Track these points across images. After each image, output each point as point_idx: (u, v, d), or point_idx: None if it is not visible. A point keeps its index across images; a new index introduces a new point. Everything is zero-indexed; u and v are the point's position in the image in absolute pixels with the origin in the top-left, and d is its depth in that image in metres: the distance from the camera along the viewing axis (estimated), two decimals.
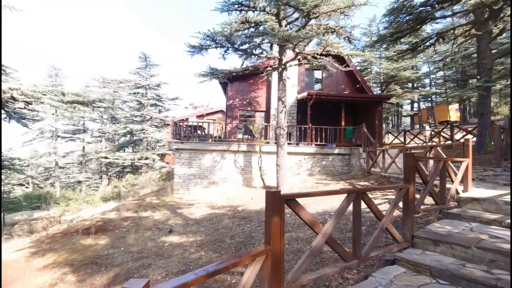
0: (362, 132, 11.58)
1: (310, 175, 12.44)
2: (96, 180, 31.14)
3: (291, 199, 2.23)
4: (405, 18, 9.98)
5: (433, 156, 6.62)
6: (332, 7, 7.65)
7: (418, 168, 3.81)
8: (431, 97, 27.43)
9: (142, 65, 27.09)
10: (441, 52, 21.09)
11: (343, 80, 15.79)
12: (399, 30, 10.14)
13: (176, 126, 12.68)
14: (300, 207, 2.29)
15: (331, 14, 8.63)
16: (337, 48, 8.18)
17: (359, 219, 2.79)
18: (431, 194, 4.14)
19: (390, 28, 10.55)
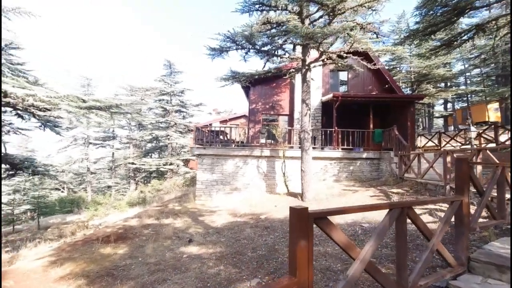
0: (393, 135, 10.77)
1: (336, 181, 11.78)
2: (124, 185, 32.10)
3: (322, 217, 1.80)
4: (440, 10, 9.15)
5: (482, 161, 5.84)
6: (359, 1, 7.12)
7: (472, 177, 3.21)
8: (466, 96, 25.50)
9: (166, 72, 27.69)
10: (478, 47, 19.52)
11: (370, 81, 14.98)
12: (434, 23, 9.31)
13: (198, 131, 12.56)
14: (332, 226, 1.85)
15: (357, 10, 8.08)
16: (365, 44, 7.59)
17: (404, 239, 2.28)
18: (488, 206, 3.50)
19: (423, 21, 9.74)
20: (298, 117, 14.01)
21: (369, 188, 9.69)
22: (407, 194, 7.73)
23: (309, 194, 9.67)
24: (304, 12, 8.82)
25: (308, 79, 9.73)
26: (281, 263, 4.46)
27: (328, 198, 9.27)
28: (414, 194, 7.67)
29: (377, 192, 8.76)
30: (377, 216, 6.35)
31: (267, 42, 9.16)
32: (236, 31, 7.81)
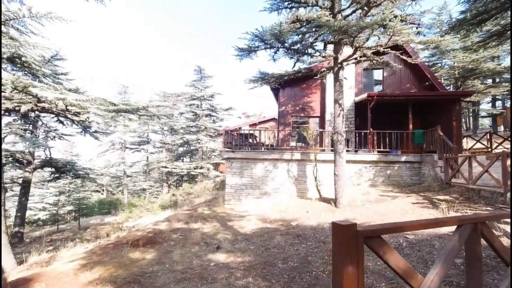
0: (437, 136, 9.82)
1: (372, 186, 11.01)
2: (157, 188, 33.18)
3: (374, 236, 1.42)
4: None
5: None
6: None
7: None
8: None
9: (197, 78, 28.28)
10: None
11: (408, 79, 13.96)
12: (485, 10, 8.34)
13: (227, 135, 12.47)
14: (387, 247, 1.46)
15: (395, 0, 7.45)
16: (407, 36, 6.91)
17: (478, 265, 1.80)
18: None
19: (472, 9, 8.78)
20: (330, 118, 13.42)
21: (410, 194, 8.87)
22: (457, 202, 6.90)
23: (343, 200, 9.07)
24: (336, 7, 8.34)
25: (341, 77, 9.19)
26: (315, 278, 4.05)
27: (364, 205, 8.62)
28: (466, 202, 6.82)
29: (420, 199, 7.96)
30: None
31: (297, 41, 8.79)
32: (265, 29, 7.53)
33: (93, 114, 5.53)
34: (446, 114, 11.63)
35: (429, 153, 10.43)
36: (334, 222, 1.39)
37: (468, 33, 9.23)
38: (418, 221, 1.70)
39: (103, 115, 5.86)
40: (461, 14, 9.47)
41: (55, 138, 18.01)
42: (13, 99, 5.03)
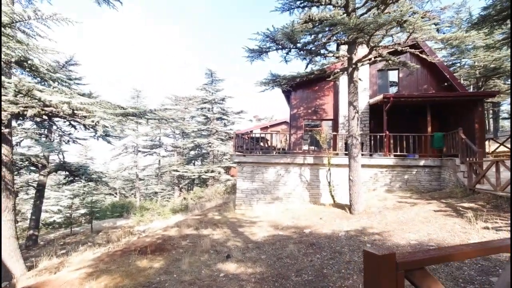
0: (459, 139, 9.29)
1: (389, 191, 10.54)
2: (169, 192, 33.30)
3: (417, 268, 1.13)
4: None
5: None
6: None
7: None
8: None
9: (208, 81, 28.32)
10: None
11: (425, 80, 13.42)
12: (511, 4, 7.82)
13: (238, 138, 12.26)
14: (431, 281, 1.17)
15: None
16: (428, 32, 6.51)
17: None
18: None
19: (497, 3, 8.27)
20: (343, 121, 13.03)
21: (430, 201, 8.39)
22: (484, 211, 6.42)
23: (358, 207, 8.68)
24: (350, 5, 8.03)
25: (355, 79, 8.83)
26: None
27: (381, 212, 8.20)
28: (494, 211, 6.32)
29: (443, 206, 7.48)
30: (448, 238, 5.27)
31: (310, 41, 8.51)
32: (276, 29, 7.29)
33: (98, 117, 5.42)
34: (467, 116, 11.05)
35: (450, 157, 9.89)
36: (367, 250, 1.12)
37: (492, 29, 8.72)
38: (470, 246, 1.38)
39: (110, 118, 5.75)
40: (484, 10, 8.96)
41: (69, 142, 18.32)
42: (19, 103, 4.99)
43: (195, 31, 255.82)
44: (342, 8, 8.46)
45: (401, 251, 5.09)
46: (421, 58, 11.78)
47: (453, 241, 5.12)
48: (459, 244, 4.94)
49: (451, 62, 19.98)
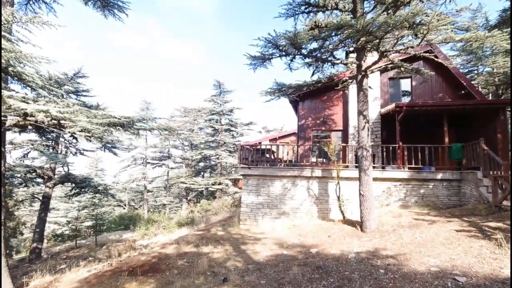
0: (480, 150, 8.55)
1: (403, 207, 9.79)
2: (177, 204, 32.98)
3: None
4: None
5: None
6: None
7: None
8: None
9: (216, 92, 28.27)
10: None
11: (440, 87, 12.75)
12: None
13: (243, 150, 11.81)
14: None
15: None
16: (445, 33, 5.96)
17: None
18: None
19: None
20: (353, 132, 12.43)
21: (450, 219, 7.62)
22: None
23: (370, 224, 7.99)
24: (358, 9, 7.61)
25: (365, 86, 8.31)
26: None
27: (395, 230, 7.48)
28: None
29: (465, 226, 6.73)
30: (476, 265, 4.57)
31: (316, 48, 8.09)
32: (279, 33, 6.92)
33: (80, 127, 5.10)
34: (488, 125, 10.29)
35: (471, 170, 9.12)
36: None
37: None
38: None
39: (94, 128, 5.41)
40: (503, 13, 8.38)
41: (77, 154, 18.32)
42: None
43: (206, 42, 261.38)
44: (350, 13, 8.06)
45: (420, 280, 4.44)
46: (435, 64, 11.20)
47: (481, 270, 4.43)
48: (490, 273, 4.25)
49: (467, 69, 19.15)
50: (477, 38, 5.74)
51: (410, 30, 6.59)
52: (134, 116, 7.33)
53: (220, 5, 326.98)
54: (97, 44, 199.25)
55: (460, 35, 6.33)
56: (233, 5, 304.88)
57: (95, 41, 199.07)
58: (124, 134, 7.36)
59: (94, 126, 5.30)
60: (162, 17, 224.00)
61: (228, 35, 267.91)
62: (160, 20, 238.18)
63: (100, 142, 8.88)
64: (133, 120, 6.72)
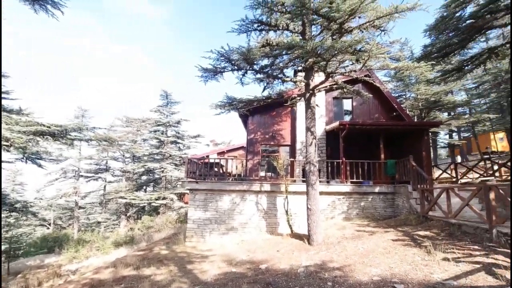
0: (410, 166, 9.56)
1: (346, 219, 10.35)
2: (114, 221, 30.05)
3: None
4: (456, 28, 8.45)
5: None
6: (372, 15, 6.30)
7: None
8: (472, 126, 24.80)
9: (163, 103, 27.09)
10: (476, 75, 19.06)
11: (376, 109, 14.11)
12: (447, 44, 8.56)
13: (190, 163, 11.33)
14: None
15: (367, 28, 7.30)
16: (383, 60, 6.64)
17: None
18: None
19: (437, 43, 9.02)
20: (301, 147, 12.92)
21: (387, 229, 8.25)
22: (439, 239, 6.34)
23: (317, 237, 8.21)
24: (307, 32, 8.06)
25: (313, 104, 8.73)
26: None
27: (340, 242, 7.80)
28: (449, 239, 6.27)
29: (400, 235, 7.33)
30: (411, 272, 4.94)
31: (267, 64, 8.29)
32: (232, 48, 6.91)
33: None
34: (415, 144, 11.62)
35: (403, 183, 10.11)
36: None
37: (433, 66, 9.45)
38: None
39: (14, 137, 4.60)
40: (425, 48, 9.73)
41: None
42: None
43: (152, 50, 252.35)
44: (299, 35, 8.49)
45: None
46: (373, 88, 12.40)
47: (416, 276, 4.79)
48: (423, 279, 4.62)
49: (398, 94, 21.80)
50: (408, 67, 6.54)
51: (353, 56, 7.18)
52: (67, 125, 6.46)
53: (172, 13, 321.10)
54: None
55: (394, 63, 7.12)
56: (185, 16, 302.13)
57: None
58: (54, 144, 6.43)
59: (15, 135, 4.47)
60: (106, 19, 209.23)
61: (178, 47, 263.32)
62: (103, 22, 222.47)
63: (23, 153, 7.62)
64: (67, 129, 5.91)
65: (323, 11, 6.34)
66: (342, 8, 5.75)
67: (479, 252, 5.17)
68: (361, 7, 5.74)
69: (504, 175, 12.20)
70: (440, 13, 8.89)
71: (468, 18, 8.87)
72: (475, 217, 6.34)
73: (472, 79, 23.28)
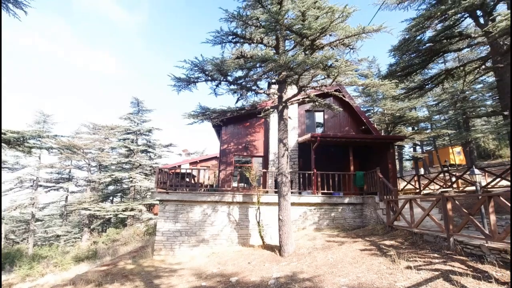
0: (377, 177, 9.99)
1: (317, 230, 10.51)
2: (76, 234, 28.13)
3: None
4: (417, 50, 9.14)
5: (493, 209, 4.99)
6: (341, 34, 6.65)
7: None
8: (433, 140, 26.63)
9: (134, 111, 26.26)
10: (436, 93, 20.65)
11: (346, 122, 14.69)
12: (410, 65, 9.24)
13: (161, 173, 11.00)
14: None
15: (337, 45, 7.66)
16: (351, 77, 6.99)
17: None
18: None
19: (401, 63, 9.70)
20: (273, 158, 13.05)
21: (356, 239, 8.49)
22: (403, 248, 6.62)
23: (288, 248, 8.25)
24: (280, 46, 8.29)
25: (286, 116, 8.92)
26: None
27: (311, 253, 7.89)
28: (412, 248, 6.57)
29: (368, 245, 7.56)
30: (377, 281, 5.09)
31: (241, 76, 8.38)
32: (206, 58, 6.92)
33: None
34: (382, 156, 12.19)
35: (370, 194, 10.50)
36: None
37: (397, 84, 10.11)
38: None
39: None
40: (391, 67, 10.40)
41: None
42: None
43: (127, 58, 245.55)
44: (273, 49, 8.71)
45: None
46: (343, 102, 12.92)
47: (381, 285, 4.95)
48: (388, 287, 4.78)
49: (366, 108, 22.99)
50: (374, 84, 6.95)
51: (324, 71, 7.49)
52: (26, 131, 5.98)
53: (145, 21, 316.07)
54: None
55: (362, 80, 7.53)
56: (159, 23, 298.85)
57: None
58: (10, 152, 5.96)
59: None
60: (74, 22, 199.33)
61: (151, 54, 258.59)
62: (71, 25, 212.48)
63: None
64: (24, 136, 5.46)
65: (296, 28, 6.58)
66: (313, 26, 6.02)
67: (438, 260, 5.46)
68: (331, 26, 6.04)
69: (461, 187, 13.09)
70: (403, 36, 9.69)
71: (428, 41, 9.68)
72: (435, 226, 6.73)
73: (433, 97, 25.15)
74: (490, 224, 4.98)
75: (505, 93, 8.53)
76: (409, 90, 11.72)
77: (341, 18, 6.35)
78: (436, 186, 14.29)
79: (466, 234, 5.92)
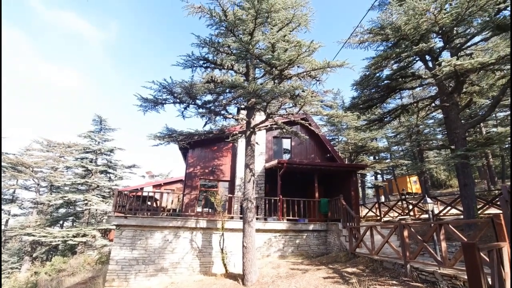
0: (340, 204, 10.25)
1: (282, 257, 10.36)
2: (13, 264, 24.93)
3: None
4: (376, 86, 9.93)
5: (445, 236, 5.30)
6: (308, 66, 7.04)
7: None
8: (393, 169, 28.29)
9: (96, 129, 24.92)
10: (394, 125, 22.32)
11: (312, 150, 15.17)
12: (371, 98, 9.97)
13: (120, 196, 10.34)
14: None
15: (304, 76, 8.07)
16: (316, 107, 7.33)
17: None
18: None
19: (362, 96, 10.44)
20: (240, 183, 12.94)
21: (319, 267, 8.46)
22: (364, 275, 6.71)
23: (251, 277, 7.98)
24: (250, 74, 8.54)
25: (253, 142, 9.00)
26: None
27: (274, 281, 7.69)
28: (372, 275, 6.68)
29: (331, 272, 7.56)
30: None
31: (211, 100, 8.42)
32: (175, 81, 6.88)
33: None
34: (346, 184, 12.61)
35: (334, 221, 10.69)
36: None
37: (359, 115, 10.81)
38: None
39: None
40: (353, 99, 11.13)
41: None
42: None
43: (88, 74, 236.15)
44: (243, 76, 8.94)
45: None
46: (309, 130, 13.38)
47: None
48: None
49: (331, 137, 24.06)
50: (337, 115, 7.37)
51: (291, 100, 7.79)
52: None
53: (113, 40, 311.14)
54: None
55: (327, 110, 7.94)
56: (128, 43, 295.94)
57: None
58: None
59: None
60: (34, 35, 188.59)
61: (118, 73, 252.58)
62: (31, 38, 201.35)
63: None
64: None
65: (265, 58, 6.86)
66: (282, 57, 6.33)
67: (396, 287, 5.59)
68: (298, 58, 6.39)
69: (417, 214, 13.84)
70: (364, 72, 10.54)
71: (385, 79, 10.59)
72: (394, 253, 6.95)
73: (391, 129, 27.13)
74: (442, 251, 5.25)
75: (452, 129, 9.44)
76: (370, 121, 12.52)
77: (308, 52, 6.77)
78: (395, 213, 14.99)
79: (422, 260, 6.17)
